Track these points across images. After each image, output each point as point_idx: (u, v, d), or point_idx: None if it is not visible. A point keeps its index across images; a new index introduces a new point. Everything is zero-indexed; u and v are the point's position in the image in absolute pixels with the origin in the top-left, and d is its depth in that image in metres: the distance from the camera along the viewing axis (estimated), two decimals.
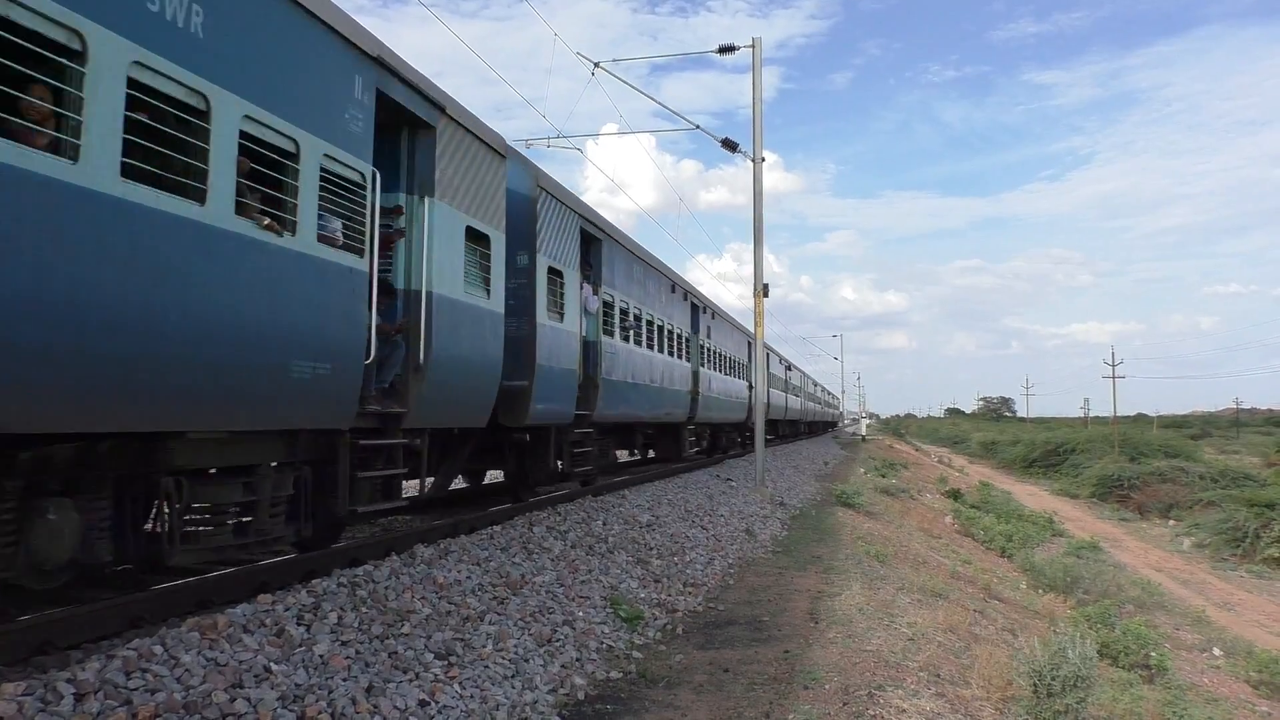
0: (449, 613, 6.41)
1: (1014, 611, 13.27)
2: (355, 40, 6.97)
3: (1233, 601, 23.40)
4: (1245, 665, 15.86)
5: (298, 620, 5.42)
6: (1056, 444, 65.88)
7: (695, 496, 15.44)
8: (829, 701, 5.92)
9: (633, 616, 7.77)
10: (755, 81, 19.50)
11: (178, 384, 5.23)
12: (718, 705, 5.81)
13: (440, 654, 5.71)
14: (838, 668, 6.70)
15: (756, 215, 19.80)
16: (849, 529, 15.82)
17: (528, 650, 6.31)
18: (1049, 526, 30.66)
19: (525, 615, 6.95)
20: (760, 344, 20.50)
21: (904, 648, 7.53)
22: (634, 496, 13.73)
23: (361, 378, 7.10)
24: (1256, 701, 14.24)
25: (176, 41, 5.11)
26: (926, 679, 6.74)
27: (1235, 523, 30.46)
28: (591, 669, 6.42)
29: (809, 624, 8.14)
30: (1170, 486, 42.08)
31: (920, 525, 21.17)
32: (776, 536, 14.10)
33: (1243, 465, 49.85)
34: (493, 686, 5.54)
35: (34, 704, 3.80)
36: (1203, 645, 17.67)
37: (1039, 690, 6.76)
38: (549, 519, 10.48)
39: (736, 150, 19.85)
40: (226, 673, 4.49)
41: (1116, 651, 12.46)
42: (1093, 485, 47.78)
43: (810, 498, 20.82)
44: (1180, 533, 34.73)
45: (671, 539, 11.43)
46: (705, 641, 7.52)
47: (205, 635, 4.81)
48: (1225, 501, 34.06)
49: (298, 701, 4.53)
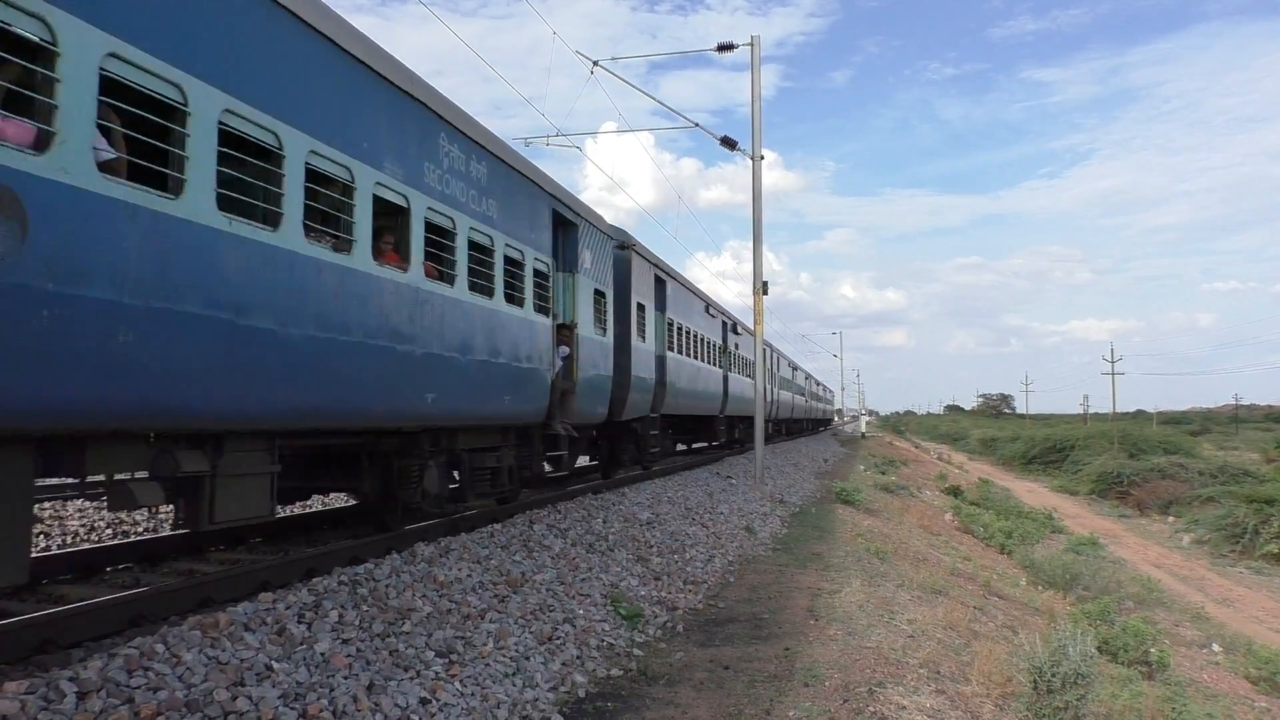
0: (450, 611, 6.42)
1: (1014, 608, 13.28)
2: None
3: (1232, 598, 23.42)
4: (1244, 661, 15.87)
5: (299, 618, 5.43)
6: (1056, 441, 65.88)
7: (695, 494, 15.45)
8: (829, 699, 5.94)
9: (633, 614, 7.78)
10: (754, 79, 19.49)
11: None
12: (718, 702, 5.82)
13: (441, 652, 5.72)
14: (838, 665, 6.71)
15: (756, 213, 19.81)
16: (849, 526, 15.84)
17: (528, 648, 6.32)
18: (1048, 523, 30.67)
19: (526, 613, 6.96)
20: (760, 341, 20.50)
21: (904, 645, 7.55)
22: (634, 494, 13.74)
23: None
24: (1255, 698, 14.25)
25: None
26: (926, 676, 6.76)
27: (1234, 519, 30.48)
28: (592, 667, 6.43)
29: (809, 621, 8.15)
30: (1169, 483, 42.11)
31: (920, 522, 21.17)
32: (776, 534, 14.11)
33: (1242, 461, 49.83)
34: (493, 684, 5.55)
35: (36, 702, 3.81)
36: (1202, 641, 17.69)
37: (1039, 687, 6.77)
38: (549, 517, 10.49)
39: (735, 148, 19.85)
40: (228, 671, 4.50)
41: (1116, 648, 12.48)
42: (1092, 482, 47.80)
43: (810, 495, 20.83)
44: (1180, 529, 34.76)
45: (672, 536, 11.44)
46: (705, 639, 7.54)
47: (207, 633, 4.82)
48: (1224, 498, 34.06)
49: (299, 699, 4.54)
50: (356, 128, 6.97)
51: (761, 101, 19.53)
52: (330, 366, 6.61)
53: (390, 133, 7.48)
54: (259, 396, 5.87)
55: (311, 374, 6.43)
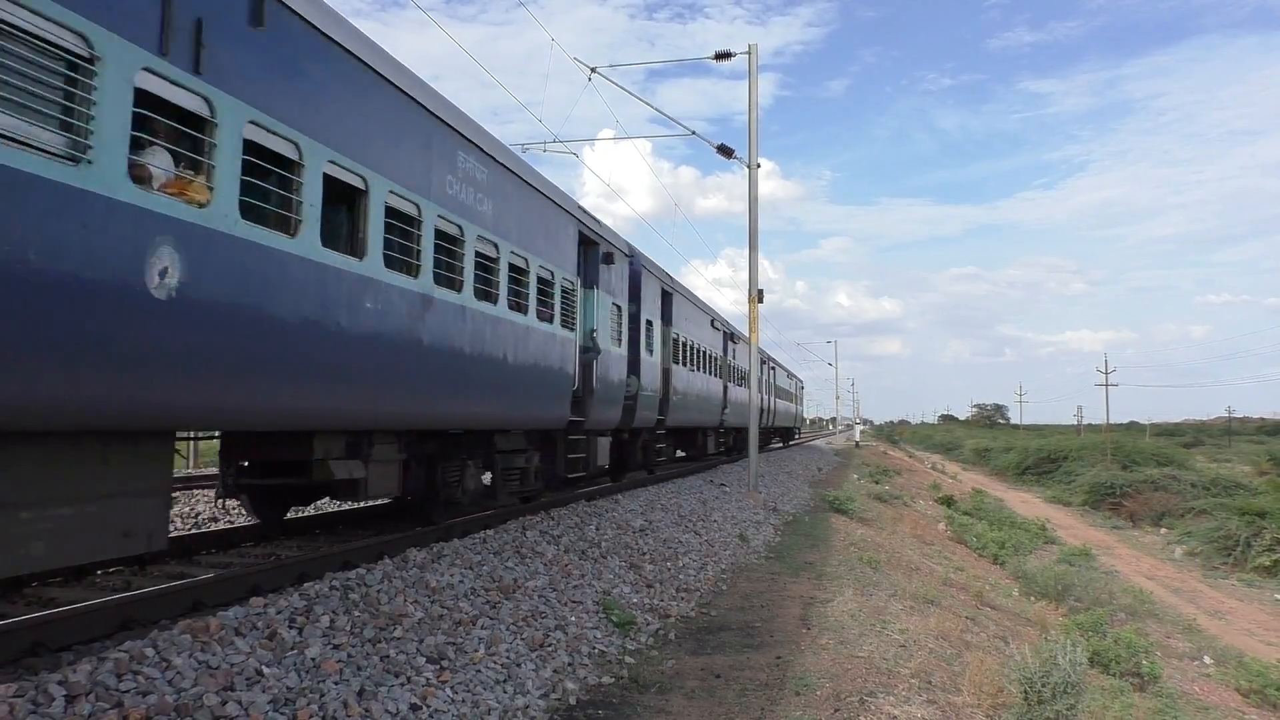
0: (441, 616, 6.40)
1: (1006, 619, 13.29)
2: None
3: (1224, 610, 23.46)
4: (1236, 674, 15.88)
5: (290, 623, 5.41)
6: (1049, 451, 65.93)
7: (689, 502, 15.44)
8: (820, 708, 5.93)
9: (625, 622, 7.77)
10: (751, 88, 19.55)
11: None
12: (709, 711, 5.82)
13: (432, 658, 5.71)
14: (830, 674, 6.71)
15: (751, 221, 19.84)
16: (842, 535, 15.84)
17: (520, 655, 6.30)
18: (1041, 534, 30.72)
19: (517, 620, 6.95)
20: (755, 350, 20.52)
21: (896, 654, 7.55)
22: (627, 501, 13.73)
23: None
24: (1246, 710, 14.27)
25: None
26: (918, 686, 6.76)
27: (1227, 531, 30.51)
28: (583, 674, 6.42)
29: (801, 630, 8.15)
30: (1162, 495, 42.17)
31: (913, 532, 21.17)
32: (769, 542, 14.11)
33: (1235, 474, 49.93)
34: (484, 691, 5.54)
35: (25, 706, 3.79)
36: (1194, 653, 17.71)
37: (1030, 697, 6.77)
38: (542, 523, 10.48)
39: (732, 156, 19.89)
40: (218, 675, 4.49)
41: (1108, 659, 12.49)
42: (1085, 493, 47.84)
43: (803, 503, 20.82)
44: (1172, 541, 34.80)
45: (664, 544, 11.43)
46: (697, 647, 7.53)
47: (197, 637, 4.81)
48: (1217, 510, 34.10)
49: (289, 705, 4.52)
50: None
51: (759, 110, 19.61)
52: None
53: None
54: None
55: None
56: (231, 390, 5.65)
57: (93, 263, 4.50)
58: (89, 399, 4.60)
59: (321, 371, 6.56)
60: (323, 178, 6.48)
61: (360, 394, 7.10)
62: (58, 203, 4.30)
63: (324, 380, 6.61)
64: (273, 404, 6.13)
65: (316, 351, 6.46)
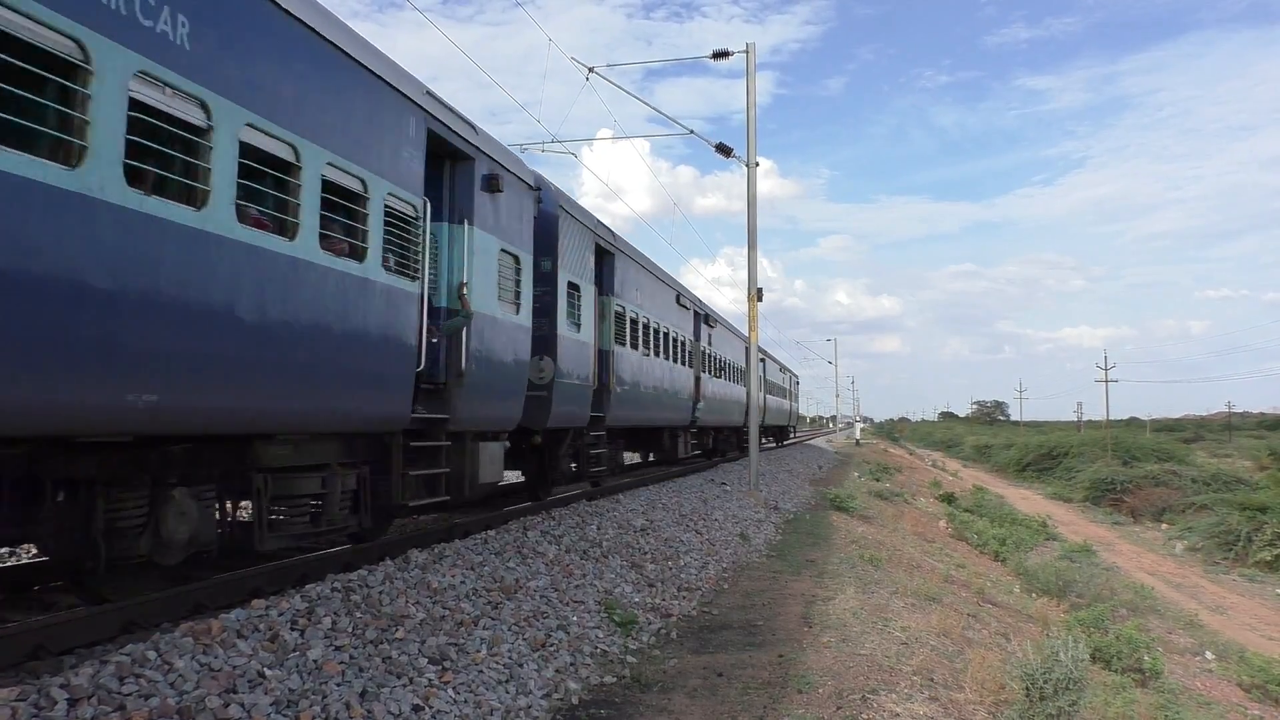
0: (443, 617, 6.41)
1: (1007, 615, 13.30)
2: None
3: (1225, 605, 23.47)
4: (1237, 669, 15.89)
5: (291, 625, 5.41)
6: (1050, 448, 65.92)
7: (689, 501, 15.44)
8: (823, 706, 5.94)
9: (627, 621, 7.77)
10: (749, 86, 19.55)
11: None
12: (712, 710, 5.82)
13: (434, 659, 5.71)
14: (832, 672, 6.71)
15: (750, 219, 19.84)
16: (843, 533, 15.84)
17: (522, 655, 6.31)
18: (1042, 530, 30.69)
19: (519, 620, 6.95)
20: (755, 349, 20.52)
21: (897, 652, 7.55)
22: (628, 501, 13.73)
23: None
24: (1248, 705, 14.28)
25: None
26: (920, 683, 6.76)
27: (1227, 526, 30.52)
28: (585, 674, 6.42)
29: (803, 628, 8.15)
30: (1163, 490, 42.17)
31: (914, 529, 21.18)
32: (771, 541, 14.12)
33: (1235, 469, 49.96)
34: (487, 691, 5.54)
35: (27, 709, 3.79)
36: (1195, 649, 17.72)
37: (1031, 694, 6.77)
38: (543, 523, 10.48)
39: (730, 155, 19.89)
40: (220, 678, 4.49)
41: (1109, 655, 12.49)
42: (1086, 489, 47.84)
43: (804, 502, 20.83)
44: (1173, 536, 34.81)
45: (666, 543, 11.43)
46: (699, 646, 7.53)
47: (199, 640, 4.81)
48: (1218, 505, 34.14)
49: (291, 706, 4.53)
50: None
51: (756, 108, 19.60)
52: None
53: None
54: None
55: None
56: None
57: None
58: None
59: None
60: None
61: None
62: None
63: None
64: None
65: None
